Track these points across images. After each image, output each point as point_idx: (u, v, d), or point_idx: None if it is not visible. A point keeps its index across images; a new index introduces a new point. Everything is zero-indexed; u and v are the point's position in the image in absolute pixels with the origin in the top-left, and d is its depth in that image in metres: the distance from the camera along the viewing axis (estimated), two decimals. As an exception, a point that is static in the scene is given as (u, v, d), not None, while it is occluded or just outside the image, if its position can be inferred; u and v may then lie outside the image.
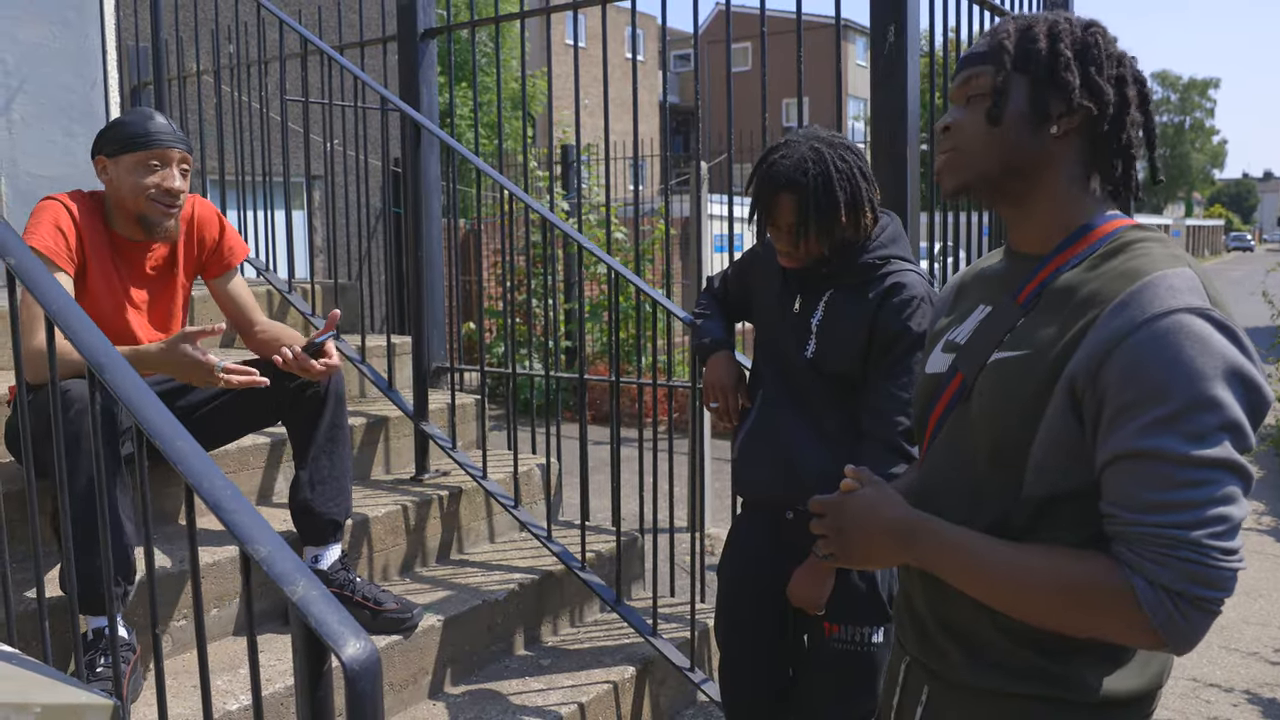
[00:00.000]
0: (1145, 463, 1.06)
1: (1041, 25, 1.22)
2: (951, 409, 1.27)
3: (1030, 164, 1.22)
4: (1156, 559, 1.05)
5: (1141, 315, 1.08)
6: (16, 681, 1.41)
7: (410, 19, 3.92)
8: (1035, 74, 1.20)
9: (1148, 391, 1.06)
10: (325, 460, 2.56)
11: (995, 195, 1.26)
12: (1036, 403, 1.15)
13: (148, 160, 2.43)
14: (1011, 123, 1.21)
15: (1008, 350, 1.20)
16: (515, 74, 16.06)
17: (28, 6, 3.92)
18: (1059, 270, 1.20)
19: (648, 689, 2.91)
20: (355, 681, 1.11)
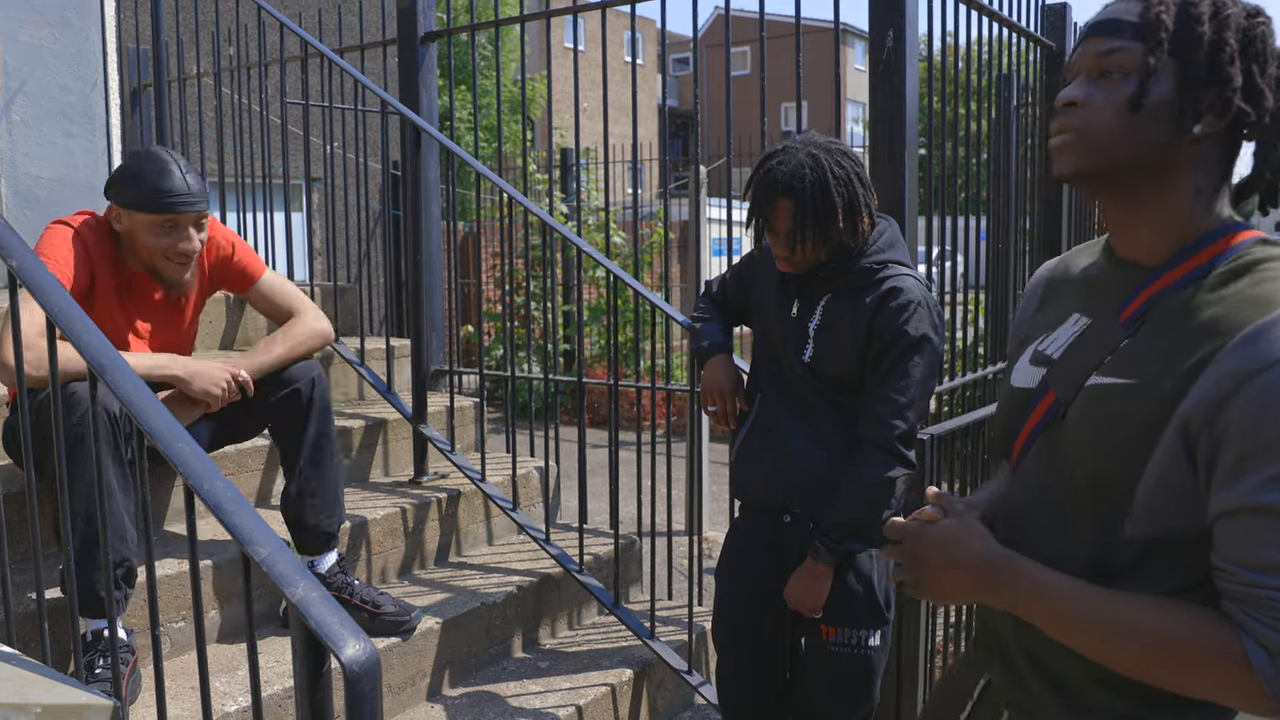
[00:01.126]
0: (1268, 519, 0.95)
1: (1205, 3, 1.05)
2: (1041, 429, 1.16)
3: (1162, 163, 1.07)
4: (1277, 625, 0.95)
5: (1265, 358, 0.95)
6: (16, 682, 1.41)
7: (410, 22, 3.92)
8: (1192, 61, 1.04)
9: (1271, 440, 0.94)
10: (312, 472, 2.52)
11: (1113, 190, 1.11)
12: (1144, 439, 1.03)
13: (163, 222, 2.39)
14: (1153, 113, 1.05)
15: (1109, 376, 1.08)
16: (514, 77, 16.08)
17: (28, 8, 3.92)
18: (1170, 288, 1.07)
19: (645, 691, 2.91)
20: (355, 683, 1.12)
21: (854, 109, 32.59)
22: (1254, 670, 0.96)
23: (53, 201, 4.01)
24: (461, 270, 9.67)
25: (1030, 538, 1.15)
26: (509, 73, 15.65)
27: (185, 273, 2.49)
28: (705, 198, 5.60)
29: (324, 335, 2.68)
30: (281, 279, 2.79)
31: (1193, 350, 1.01)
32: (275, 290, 2.74)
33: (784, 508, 2.14)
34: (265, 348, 2.56)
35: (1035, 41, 4.02)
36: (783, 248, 2.05)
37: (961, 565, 1.13)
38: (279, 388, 2.52)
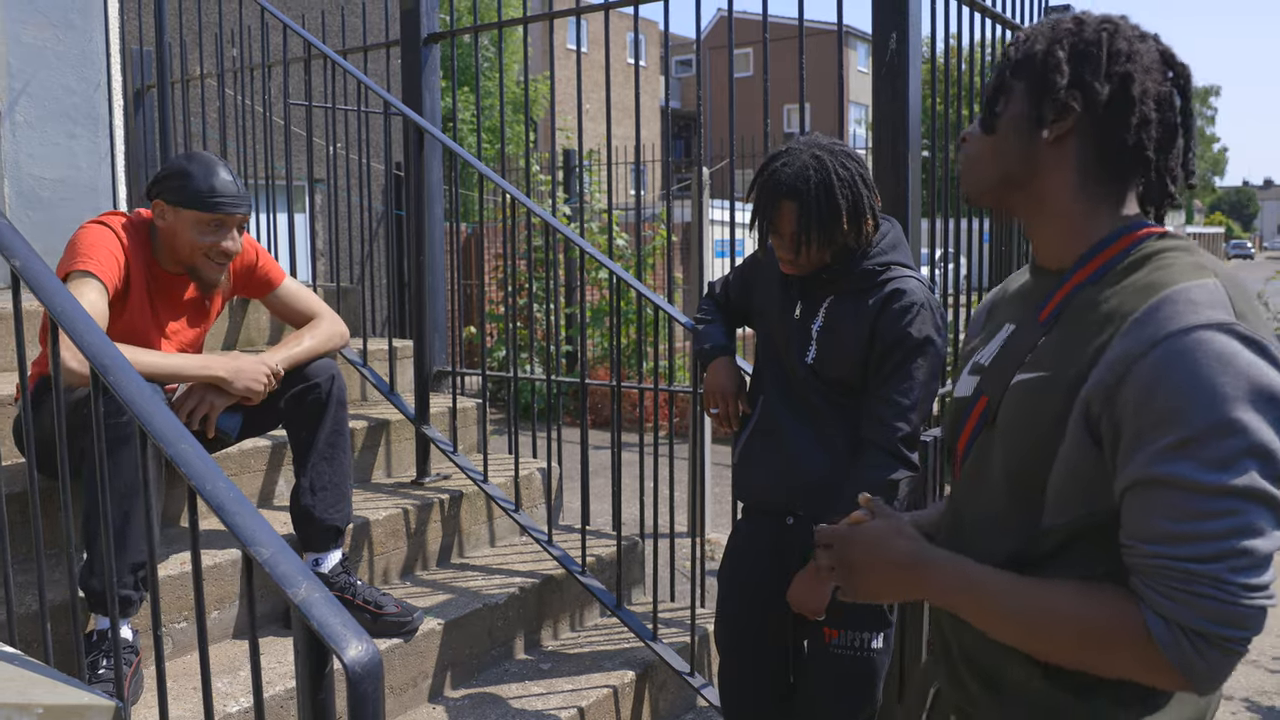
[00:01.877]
0: (1161, 491, 1.00)
1: (1046, 28, 1.17)
2: (978, 433, 1.21)
3: (1027, 173, 1.17)
4: (1170, 594, 0.99)
5: (1159, 333, 1.01)
6: (19, 682, 1.41)
7: (413, 24, 3.93)
8: (1032, 78, 1.15)
9: (1164, 415, 0.99)
10: (325, 466, 2.56)
11: (1000, 205, 1.23)
12: (1054, 427, 1.08)
13: (210, 221, 2.45)
14: (1006, 130, 1.17)
15: (1027, 371, 1.14)
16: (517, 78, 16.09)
17: (31, 9, 3.93)
18: (1079, 286, 1.13)
19: (647, 693, 2.91)
20: (358, 684, 1.12)
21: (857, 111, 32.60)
22: (1166, 659, 0.99)
23: (56, 202, 4.02)
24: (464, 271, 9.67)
25: (967, 540, 1.20)
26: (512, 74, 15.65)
27: (222, 273, 2.56)
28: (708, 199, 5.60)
29: (345, 337, 2.79)
30: (299, 285, 2.88)
31: (1093, 338, 1.07)
32: (295, 296, 2.83)
33: (786, 510, 2.14)
34: (295, 340, 2.63)
35: (1038, 43, 4.01)
36: (787, 250, 2.05)
37: (889, 564, 1.17)
38: (299, 382, 2.58)
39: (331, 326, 2.74)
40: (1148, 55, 1.13)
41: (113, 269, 2.37)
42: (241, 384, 2.44)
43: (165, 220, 2.47)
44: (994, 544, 1.16)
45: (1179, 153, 1.15)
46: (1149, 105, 1.12)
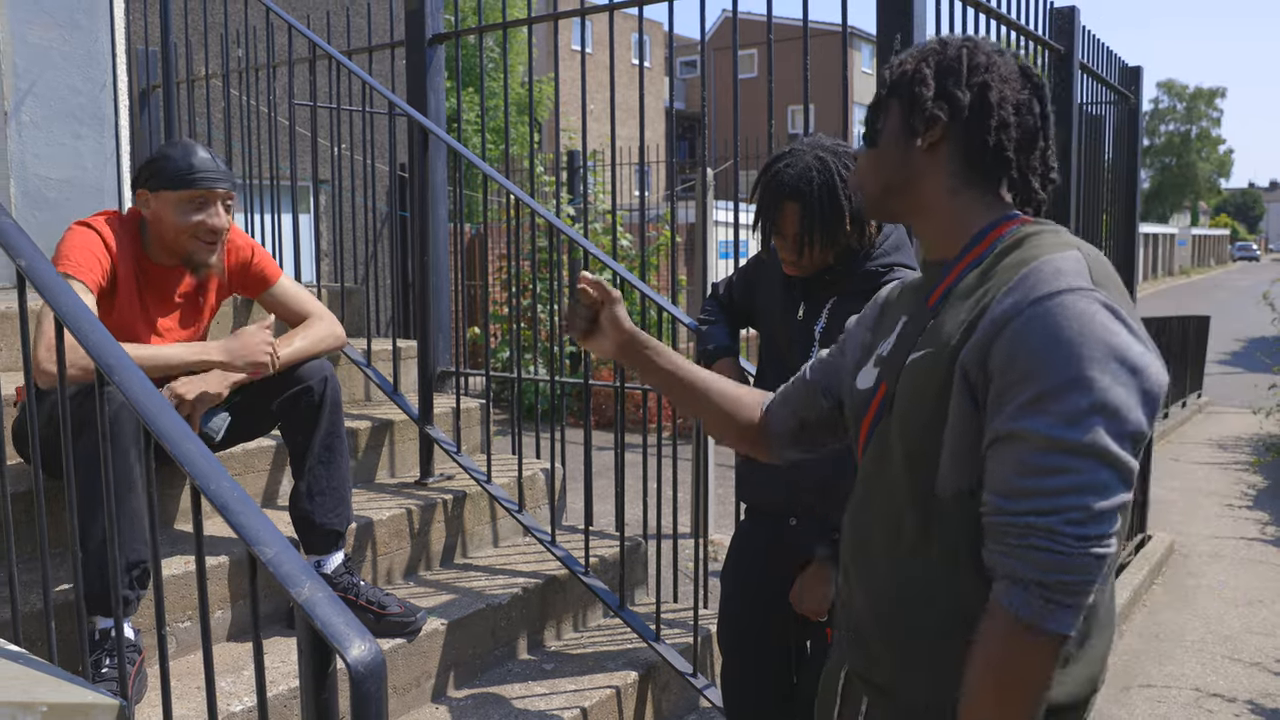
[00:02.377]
0: (1014, 445, 1.07)
1: (915, 50, 1.29)
2: (879, 420, 1.27)
3: (905, 180, 1.27)
4: (1010, 551, 1.06)
5: (1025, 298, 1.09)
6: (23, 680, 1.41)
7: (418, 25, 3.93)
8: (901, 95, 1.26)
9: (1024, 372, 1.07)
10: (322, 470, 2.54)
11: (886, 213, 1.32)
12: (941, 398, 1.16)
13: (192, 198, 2.44)
14: (886, 144, 1.28)
15: (918, 351, 1.22)
16: (522, 79, 16.09)
17: (37, 9, 3.94)
18: (962, 274, 1.23)
19: (650, 694, 2.91)
20: (361, 683, 1.12)
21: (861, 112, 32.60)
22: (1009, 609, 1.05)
23: (62, 202, 4.02)
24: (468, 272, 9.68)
25: (867, 515, 1.27)
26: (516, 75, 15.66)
27: (214, 254, 2.51)
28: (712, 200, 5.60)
29: (341, 339, 2.75)
30: (296, 285, 2.84)
31: (970, 310, 1.16)
32: (290, 295, 2.79)
33: (789, 511, 2.14)
34: (286, 340, 2.59)
35: (1043, 45, 4.01)
36: (790, 251, 2.05)
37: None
38: (291, 385, 2.54)
39: (326, 328, 2.69)
40: (1005, 67, 1.24)
41: (94, 267, 2.35)
42: (242, 364, 2.38)
43: (150, 208, 2.46)
44: (892, 518, 1.22)
45: (1040, 153, 1.26)
46: (1007, 110, 1.22)
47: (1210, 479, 7.75)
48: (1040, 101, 1.25)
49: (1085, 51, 4.50)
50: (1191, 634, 4.48)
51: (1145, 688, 3.90)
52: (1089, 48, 4.60)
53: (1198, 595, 5.02)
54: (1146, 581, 5.07)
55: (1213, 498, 7.12)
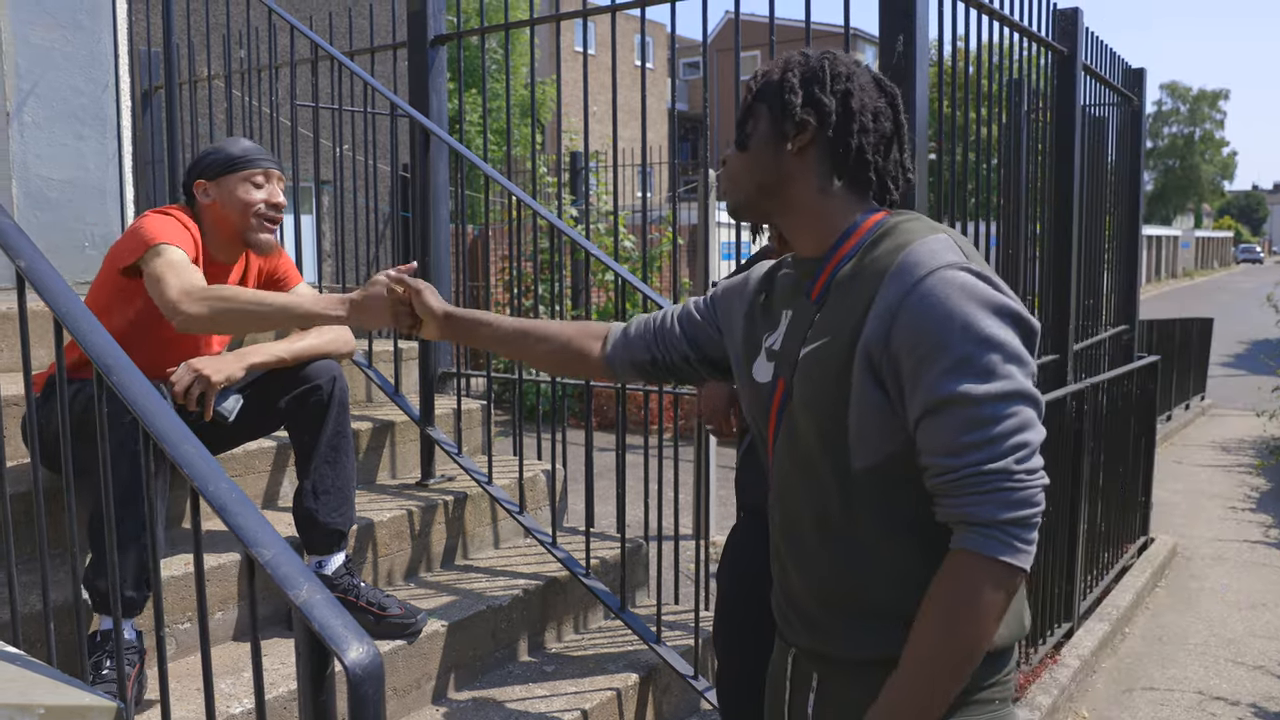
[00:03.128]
0: (948, 410, 1.16)
1: (781, 61, 1.36)
2: (782, 411, 1.35)
3: (777, 181, 1.34)
4: (973, 501, 1.16)
5: (911, 279, 1.19)
6: (20, 683, 1.41)
7: (420, 25, 3.93)
8: (770, 101, 1.34)
9: (931, 345, 1.16)
10: (328, 470, 2.55)
11: (759, 213, 1.39)
12: (842, 381, 1.24)
13: (253, 178, 2.53)
14: (757, 148, 1.35)
15: (811, 343, 1.30)
16: (524, 81, 16.10)
17: (39, 10, 3.94)
18: (839, 265, 1.31)
19: (651, 696, 2.90)
20: (358, 686, 1.12)
21: (864, 114, 32.54)
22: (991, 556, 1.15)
23: (64, 203, 4.02)
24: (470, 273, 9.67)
25: (793, 501, 1.34)
26: (519, 76, 15.66)
27: (273, 235, 2.59)
28: (714, 202, 5.59)
29: (350, 344, 2.77)
30: (313, 290, 2.86)
31: (860, 298, 1.25)
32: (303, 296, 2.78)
33: None
34: (299, 336, 2.63)
35: (1046, 46, 4.00)
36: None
37: None
38: (300, 384, 2.56)
39: (337, 331, 2.71)
40: (862, 77, 1.34)
41: (187, 241, 2.42)
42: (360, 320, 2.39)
43: (210, 196, 2.52)
44: (816, 500, 1.30)
45: (896, 157, 1.35)
46: (867, 116, 1.32)
47: (1213, 481, 7.74)
48: (894, 110, 1.35)
49: (1088, 53, 4.49)
50: (1194, 637, 4.47)
51: (1148, 690, 3.89)
52: (1092, 49, 4.59)
53: (1201, 598, 5.01)
54: (1149, 584, 5.06)
55: (1216, 500, 7.11)
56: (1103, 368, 5.03)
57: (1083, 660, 3.93)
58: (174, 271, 2.26)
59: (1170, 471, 7.82)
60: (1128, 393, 4.89)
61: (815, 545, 1.32)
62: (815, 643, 1.36)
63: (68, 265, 3.76)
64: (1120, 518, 5.01)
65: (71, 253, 3.97)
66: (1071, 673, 3.80)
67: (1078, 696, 3.81)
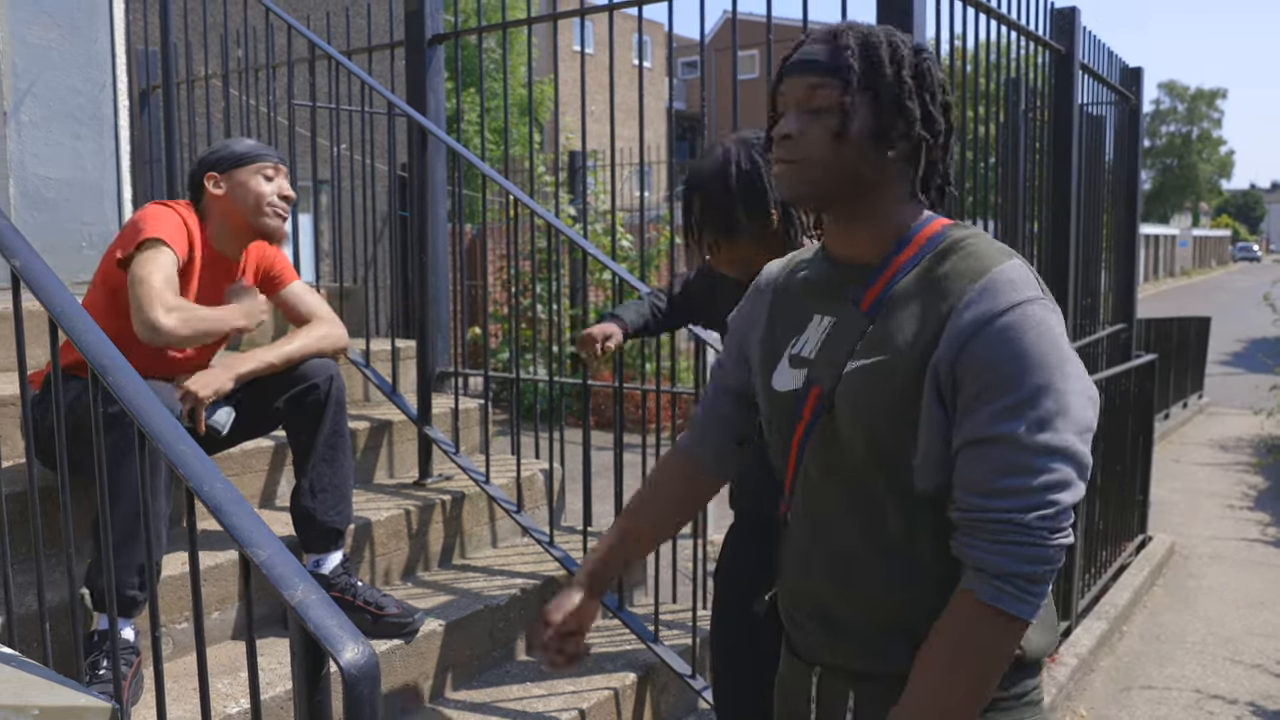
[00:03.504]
0: (993, 448, 1.14)
1: (883, 46, 1.24)
2: (815, 420, 1.28)
3: (869, 181, 1.25)
4: (993, 549, 1.13)
5: (993, 308, 1.15)
6: (15, 684, 1.41)
7: (418, 25, 3.92)
8: (881, 96, 1.23)
9: (998, 379, 1.14)
10: (326, 468, 2.55)
11: (832, 208, 1.28)
12: (910, 402, 1.19)
13: (264, 171, 2.57)
14: (857, 141, 1.23)
15: (864, 358, 1.23)
16: (522, 80, 16.08)
17: (37, 10, 3.93)
18: (896, 275, 1.25)
19: (649, 696, 2.90)
20: (353, 686, 1.12)
21: (862, 113, 32.55)
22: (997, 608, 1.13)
23: (61, 203, 4.02)
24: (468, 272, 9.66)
25: (828, 512, 1.29)
26: (517, 76, 15.65)
27: (285, 223, 2.63)
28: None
29: (341, 340, 2.76)
30: (308, 288, 2.87)
31: (930, 317, 1.19)
32: (300, 298, 2.81)
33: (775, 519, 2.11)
34: (288, 339, 2.63)
35: (1044, 45, 4.00)
36: (695, 244, 1.99)
37: None
38: (297, 383, 2.56)
39: (328, 329, 2.71)
40: (948, 87, 1.29)
41: (181, 242, 2.44)
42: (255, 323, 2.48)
43: (222, 189, 2.55)
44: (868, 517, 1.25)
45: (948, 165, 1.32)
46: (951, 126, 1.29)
47: (1211, 480, 7.74)
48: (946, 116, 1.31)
49: (1086, 52, 4.49)
50: (1192, 635, 4.47)
51: (1146, 689, 3.89)
52: (1090, 48, 4.59)
53: (1198, 596, 5.01)
54: (1147, 583, 5.06)
55: (1214, 499, 7.11)
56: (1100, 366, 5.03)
57: (1080, 659, 3.94)
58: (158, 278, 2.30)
59: (1168, 470, 7.82)
60: (1126, 391, 4.89)
61: (865, 560, 1.26)
62: (853, 659, 1.30)
63: (65, 265, 3.75)
64: (1118, 516, 5.01)
65: (69, 253, 3.96)
66: (1069, 671, 3.80)
67: (1076, 695, 3.81)
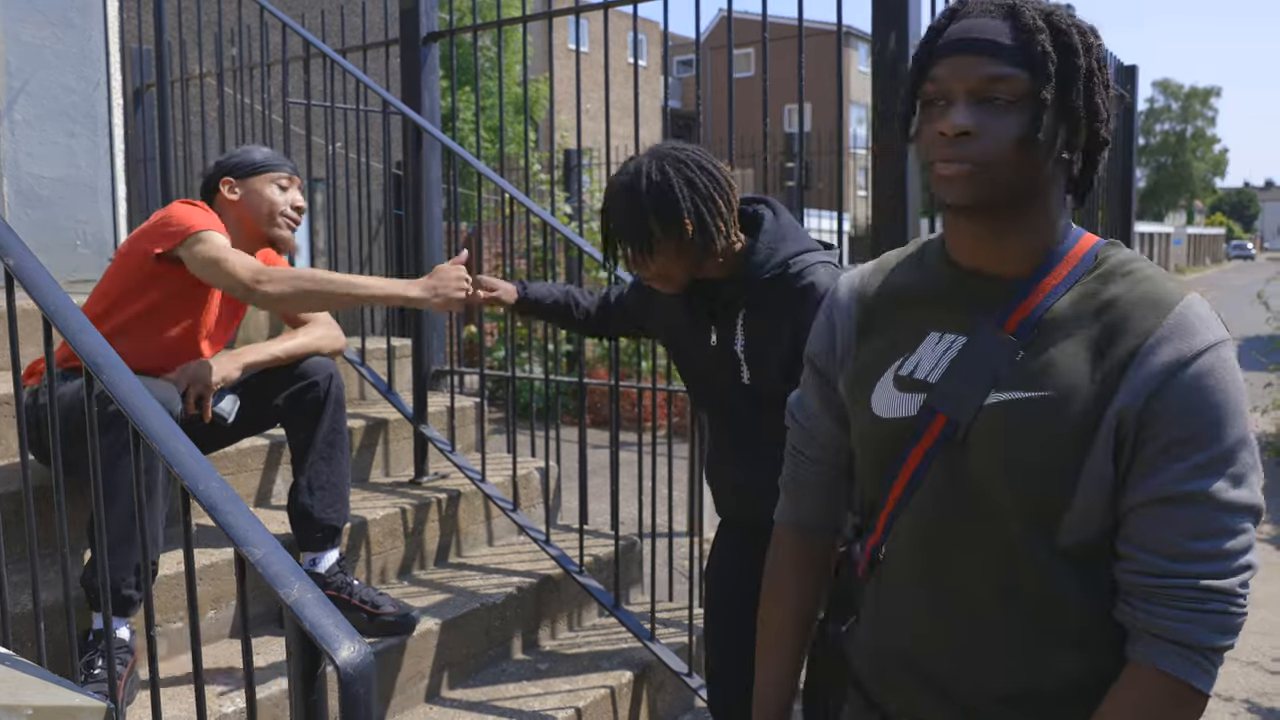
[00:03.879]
0: (1184, 507, 1.01)
1: (1074, 30, 1.07)
2: (935, 453, 1.12)
3: (1043, 185, 1.09)
4: (1188, 618, 1.01)
5: (1185, 352, 1.01)
6: (9, 683, 1.40)
7: (413, 23, 3.92)
8: (1070, 92, 1.06)
9: (1195, 432, 1.01)
10: (324, 466, 2.57)
11: (998, 215, 1.10)
12: (1075, 446, 1.04)
13: (279, 180, 2.60)
14: (1045, 143, 1.06)
15: (1015, 391, 1.07)
16: (518, 78, 16.07)
17: (30, 8, 3.92)
18: (1049, 297, 1.09)
19: (645, 694, 2.90)
20: (349, 685, 1.11)
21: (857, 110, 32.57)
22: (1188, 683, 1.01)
23: (55, 201, 4.01)
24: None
25: (944, 560, 1.13)
26: (513, 74, 15.64)
27: (293, 236, 2.64)
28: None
29: (341, 342, 2.79)
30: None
31: (1105, 353, 1.04)
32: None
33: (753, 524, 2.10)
34: (289, 335, 2.66)
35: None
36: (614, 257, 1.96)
37: None
38: (296, 381, 2.58)
39: (326, 330, 2.74)
40: None
41: (224, 233, 2.45)
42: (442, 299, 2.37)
43: (237, 194, 2.57)
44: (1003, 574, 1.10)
45: None
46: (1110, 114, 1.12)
47: (1206, 478, 7.74)
48: None
49: (1081, 50, 4.48)
50: (1187, 633, 4.47)
51: (1141, 687, 3.89)
52: (1085, 46, 4.59)
53: (1193, 594, 5.02)
54: (1142, 580, 5.07)
55: (1208, 496, 7.12)
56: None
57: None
58: (232, 253, 2.33)
59: (1163, 468, 7.82)
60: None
61: (991, 619, 1.11)
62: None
63: (59, 264, 3.74)
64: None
65: (63, 251, 3.95)
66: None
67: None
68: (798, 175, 3.24)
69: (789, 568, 1.38)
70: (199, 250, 2.33)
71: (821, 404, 1.30)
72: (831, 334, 1.27)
